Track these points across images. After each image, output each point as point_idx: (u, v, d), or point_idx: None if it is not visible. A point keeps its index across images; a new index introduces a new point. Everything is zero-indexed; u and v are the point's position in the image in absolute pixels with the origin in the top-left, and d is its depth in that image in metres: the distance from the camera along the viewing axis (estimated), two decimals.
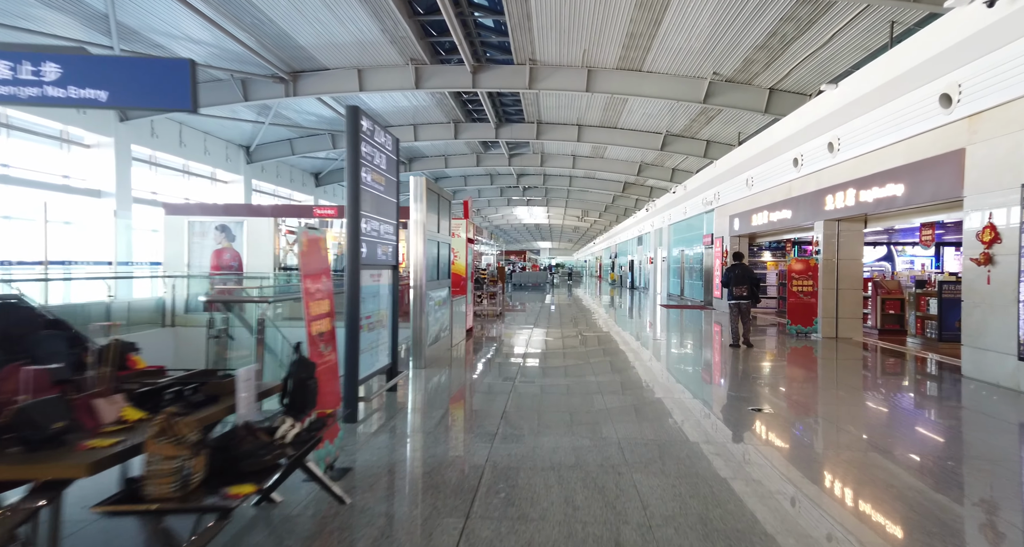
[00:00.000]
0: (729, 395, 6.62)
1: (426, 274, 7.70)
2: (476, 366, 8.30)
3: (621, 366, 8.16)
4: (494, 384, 6.84)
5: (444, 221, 8.98)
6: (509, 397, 6.05)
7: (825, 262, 11.10)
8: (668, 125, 21.57)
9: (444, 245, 8.98)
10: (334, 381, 3.81)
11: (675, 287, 24.18)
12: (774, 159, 13.04)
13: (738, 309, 9.79)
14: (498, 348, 10.11)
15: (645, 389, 6.70)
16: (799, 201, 11.96)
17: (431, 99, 20.45)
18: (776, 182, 13.10)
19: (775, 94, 16.82)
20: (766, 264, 16.98)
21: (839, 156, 10.22)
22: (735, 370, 8.19)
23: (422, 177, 7.66)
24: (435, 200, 8.39)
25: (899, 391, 7.18)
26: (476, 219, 49.06)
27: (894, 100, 8.52)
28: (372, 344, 5.59)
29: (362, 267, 5.17)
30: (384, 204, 5.76)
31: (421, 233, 7.61)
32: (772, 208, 13.34)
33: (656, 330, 13.49)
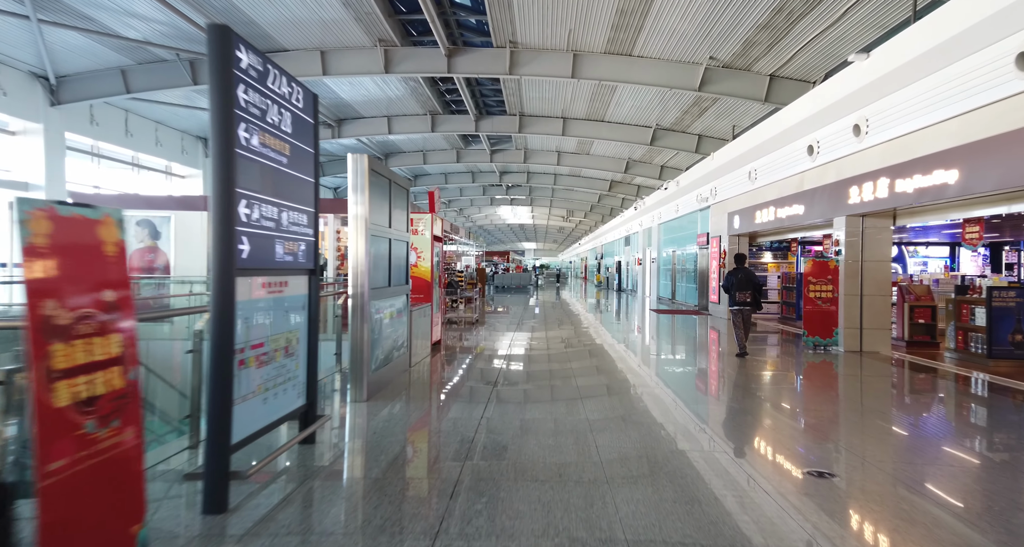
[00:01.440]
0: (771, 445, 4.91)
1: (370, 279, 5.93)
2: (437, 394, 6.53)
3: (618, 390, 6.46)
4: (458, 421, 5.10)
5: (400, 213, 7.22)
6: (474, 443, 4.32)
7: (847, 264, 9.48)
8: (658, 118, 19.96)
9: (399, 243, 7.21)
10: (118, 488, 2.05)
11: (665, 290, 22.57)
12: (783, 148, 11.42)
13: (741, 316, 8.97)
14: (469, 365, 8.36)
15: (656, 435, 4.97)
16: (814, 195, 10.35)
17: (405, 88, 18.65)
18: (785, 174, 11.49)
19: (776, 81, 15.24)
20: (767, 266, 15.40)
21: (867, 140, 8.61)
22: (758, 400, 6.51)
23: (363, 155, 5.89)
24: (384, 187, 6.61)
25: (977, 430, 5.54)
26: (458, 219, 47.23)
27: (947, 67, 6.91)
28: (271, 382, 3.82)
29: (242, 272, 3.41)
30: (290, 183, 3.99)
31: (363, 228, 5.83)
32: (780, 204, 11.74)
33: (652, 341, 11.81)
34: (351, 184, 5.90)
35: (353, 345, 5.80)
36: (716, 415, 5.79)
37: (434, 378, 7.42)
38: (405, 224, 7.56)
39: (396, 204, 7.06)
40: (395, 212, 7.00)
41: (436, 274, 9.73)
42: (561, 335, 12.06)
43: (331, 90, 18.33)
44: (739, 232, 14.24)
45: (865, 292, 9.37)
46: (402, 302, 7.34)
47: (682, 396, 6.48)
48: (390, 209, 6.76)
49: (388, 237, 6.69)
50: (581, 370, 7.90)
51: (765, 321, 14.62)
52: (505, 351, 9.59)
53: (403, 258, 7.47)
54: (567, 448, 4.39)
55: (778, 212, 11.80)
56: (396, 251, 7.07)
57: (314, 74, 15.65)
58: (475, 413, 5.49)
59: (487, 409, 5.61)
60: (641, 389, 6.77)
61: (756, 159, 12.73)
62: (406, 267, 7.56)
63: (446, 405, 6.00)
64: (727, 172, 14.49)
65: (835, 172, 9.66)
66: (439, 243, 9.87)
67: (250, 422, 3.54)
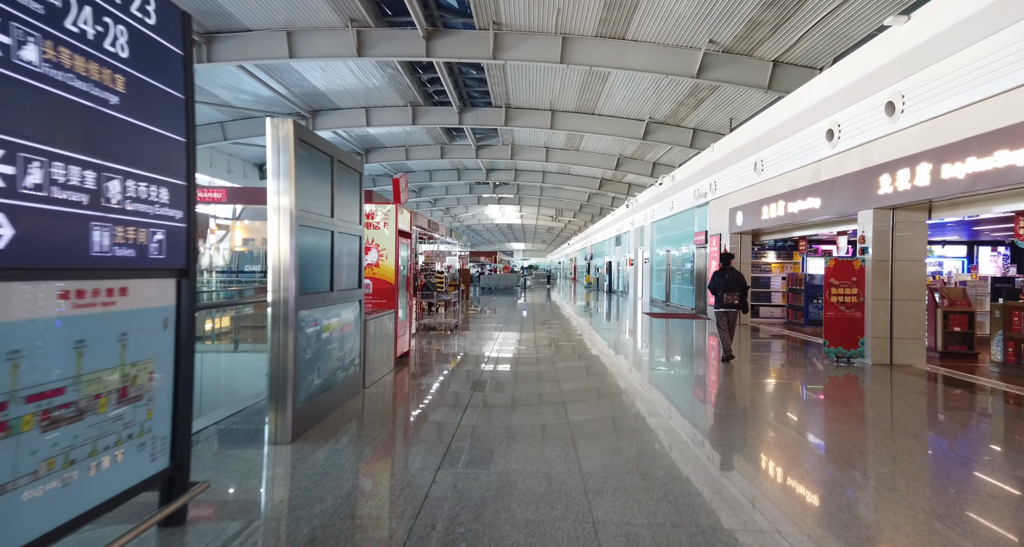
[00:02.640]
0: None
1: (300, 283, 4.49)
2: (391, 428, 5.09)
3: (616, 415, 5.06)
4: (414, 478, 3.67)
5: (348, 201, 5.77)
6: (434, 513, 2.89)
7: (875, 265, 8.14)
8: (652, 110, 18.64)
9: (348, 238, 5.76)
10: None
11: (659, 292, 21.22)
12: (796, 134, 10.08)
13: (727, 318, 8.41)
14: (439, 384, 6.93)
15: (691, 509, 3.56)
16: (832, 186, 9.02)
17: (383, 76, 17.19)
18: (797, 164, 10.15)
19: (780, 68, 13.93)
20: (770, 266, 14.10)
21: (903, 120, 7.28)
22: (778, 423, 5.14)
23: (288, 120, 4.45)
24: (323, 166, 5.16)
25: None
26: (445, 218, 45.72)
27: (1013, 24, 5.60)
28: (80, 447, 2.37)
29: (10, 271, 1.99)
30: (126, 136, 2.54)
31: (287, 218, 4.38)
32: (791, 197, 10.40)
33: (652, 352, 10.44)
34: (270, 160, 4.43)
35: (272, 368, 4.34)
36: (739, 443, 4.40)
37: (393, 403, 5.97)
38: (358, 215, 6.11)
39: (343, 189, 5.61)
40: (342, 199, 5.55)
41: (404, 275, 8.29)
42: (548, 344, 10.65)
43: (302, 77, 16.82)
44: (742, 230, 12.91)
45: (896, 296, 8.04)
46: (353, 310, 5.89)
47: (701, 428, 5.10)
48: (333, 195, 5.30)
49: (330, 230, 5.24)
50: (573, 394, 6.50)
51: (768, 326, 13.30)
52: (483, 365, 8.17)
53: (355, 256, 6.02)
54: (558, 522, 2.97)
55: (789, 206, 10.47)
56: (343, 248, 5.62)
57: (280, 57, 14.15)
58: (434, 460, 4.06)
59: (450, 452, 4.18)
60: (654, 421, 5.36)
61: (763, 148, 11.39)
62: (359, 267, 6.11)
63: (400, 445, 4.56)
64: (729, 164, 13.15)
65: (860, 159, 8.32)
66: (407, 239, 8.42)
67: (26, 525, 2.10)
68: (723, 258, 8.65)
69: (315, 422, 4.87)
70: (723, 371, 7.93)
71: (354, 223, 5.96)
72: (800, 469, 4.16)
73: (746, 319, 13.32)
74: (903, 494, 3.58)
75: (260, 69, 16.05)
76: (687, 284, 17.49)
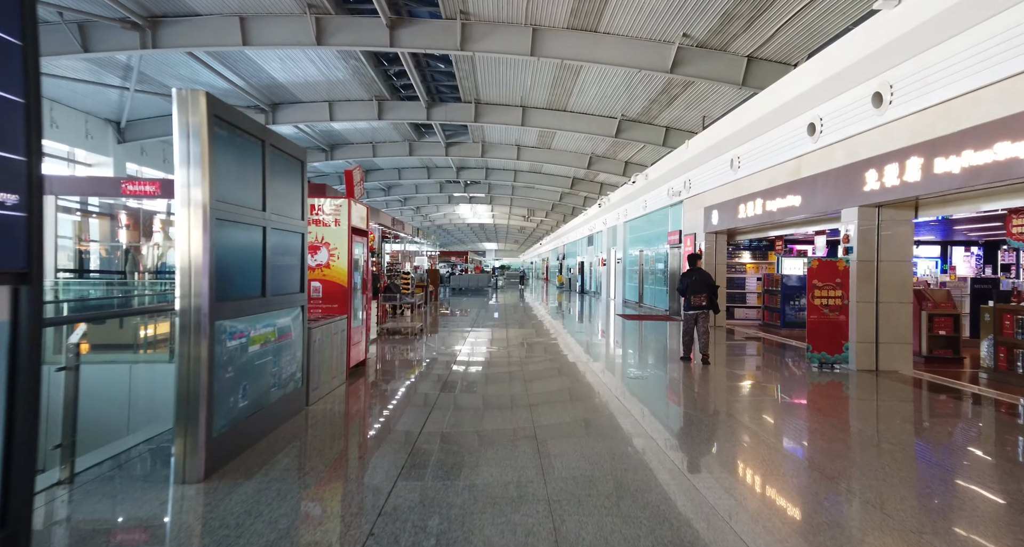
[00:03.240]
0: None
1: (219, 287, 3.72)
2: (330, 457, 4.34)
3: (597, 431, 4.43)
4: (350, 528, 2.96)
5: (286, 192, 5.00)
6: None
7: (860, 265, 7.69)
8: (624, 107, 18.14)
9: (286, 235, 4.98)
10: None
11: (632, 292, 20.76)
12: (775, 129, 9.61)
13: (695, 320, 8.25)
14: (397, 399, 6.20)
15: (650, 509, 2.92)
16: (815, 183, 8.56)
17: (346, 69, 16.31)
18: (777, 160, 9.68)
19: (755, 63, 13.53)
20: (745, 267, 13.69)
21: (891, 112, 6.81)
22: (758, 432, 4.57)
23: (201, 92, 3.69)
24: (251, 151, 4.39)
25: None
26: (415, 218, 44.74)
27: (1016, 6, 5.14)
28: None
29: None
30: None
31: (199, 212, 3.61)
32: (769, 195, 9.94)
33: (629, 355, 9.88)
34: (177, 143, 3.66)
35: (179, 389, 3.56)
36: (718, 455, 3.81)
37: (340, 423, 5.22)
38: (300, 209, 5.34)
39: (280, 179, 4.85)
40: (277, 190, 4.78)
41: (359, 277, 7.53)
42: (519, 349, 9.99)
43: (260, 68, 15.83)
44: (717, 229, 12.45)
45: (882, 299, 7.59)
46: (292, 317, 5.12)
47: (682, 441, 4.49)
48: (265, 185, 4.53)
49: (261, 226, 4.47)
50: (541, 397, 5.85)
51: (744, 328, 12.88)
52: (447, 374, 7.47)
53: (296, 256, 5.25)
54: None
55: (767, 205, 10.00)
56: (280, 246, 4.84)
57: (233, 44, 13.18)
58: (378, 502, 3.34)
59: (399, 482, 3.48)
60: (635, 445, 4.73)
61: (740, 144, 10.92)
62: (300, 269, 5.34)
63: (341, 479, 3.83)
64: (704, 161, 12.67)
65: (845, 154, 7.86)
66: (364, 237, 7.66)
67: None
68: (690, 259, 8.56)
69: (239, 451, 4.10)
70: (701, 377, 7.37)
71: (294, 218, 5.19)
72: (782, 485, 3.63)
73: (720, 321, 12.87)
74: (891, 513, 3.04)
75: (214, 58, 15.04)
76: (660, 285, 17.03)
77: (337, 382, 6.40)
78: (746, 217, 10.90)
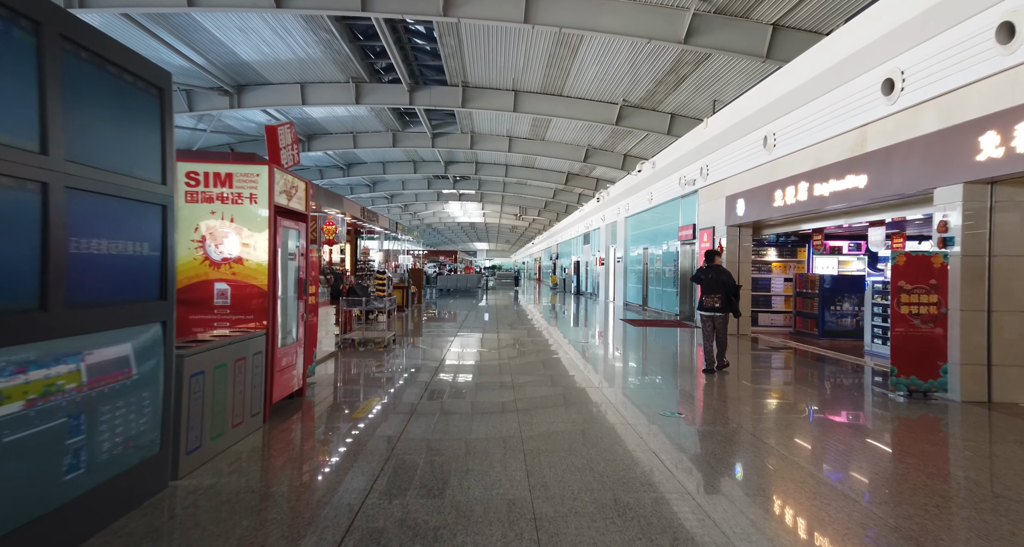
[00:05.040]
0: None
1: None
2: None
3: (640, 521, 2.48)
4: None
5: (121, 134, 2.89)
6: None
7: (965, 262, 5.67)
8: (626, 91, 16.10)
9: (124, 206, 2.89)
10: None
11: (635, 295, 18.67)
12: (828, 94, 7.59)
13: (712, 323, 7.31)
14: (335, 458, 4.10)
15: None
16: (890, 156, 6.54)
17: (317, 44, 14.14)
18: (829, 133, 7.65)
19: (781, 33, 11.51)
20: (770, 265, 11.67)
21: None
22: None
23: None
24: (15, 42, 2.31)
25: None
26: (404, 216, 42.47)
27: None
28: None
29: None
30: None
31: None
32: (818, 176, 7.91)
33: (644, 378, 7.84)
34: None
35: None
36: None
37: (222, 515, 3.09)
38: (158, 165, 3.21)
39: (95, 106, 2.74)
40: (87, 123, 2.67)
41: (294, 278, 5.41)
42: (510, 364, 7.91)
43: (219, 42, 13.63)
44: (742, 221, 10.41)
45: (996, 306, 5.56)
46: (138, 342, 3.00)
47: (738, 507, 2.48)
48: (45, 108, 2.41)
49: (37, 180, 2.37)
50: (543, 446, 3.80)
51: (770, 336, 10.85)
52: (416, 401, 5.37)
53: (148, 242, 3.13)
54: None
55: (815, 189, 7.97)
56: (101, 222, 2.74)
57: (176, 5, 11.05)
58: None
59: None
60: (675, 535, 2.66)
61: (777, 118, 8.88)
62: (162, 262, 3.21)
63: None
64: (728, 142, 10.61)
65: (940, 115, 5.84)
66: (301, 223, 5.53)
67: None
68: (707, 255, 7.61)
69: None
70: (753, 409, 5.33)
71: (143, 179, 3.06)
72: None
73: (744, 327, 10.84)
74: None
75: (163, 28, 12.85)
76: (669, 286, 14.95)
77: (245, 430, 4.28)
78: (783, 205, 8.87)
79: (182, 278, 4.51)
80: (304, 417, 5.00)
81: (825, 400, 6.09)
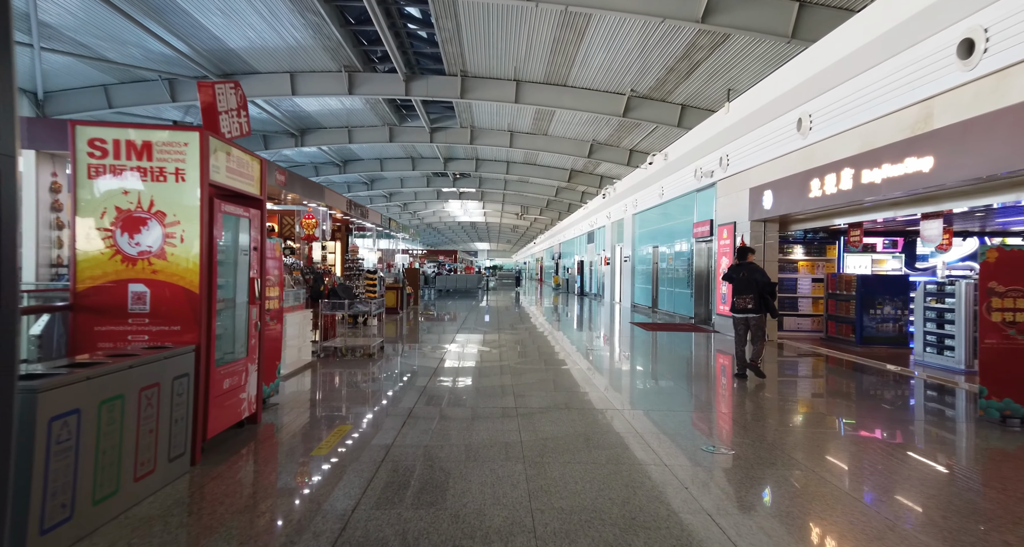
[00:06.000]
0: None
1: None
2: None
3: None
4: None
5: None
6: None
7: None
8: (635, 81, 14.96)
9: None
10: None
11: (643, 295, 17.52)
12: (881, 65, 6.46)
13: (746, 325, 6.70)
14: (277, 526, 3.00)
15: None
16: (966, 133, 5.41)
17: (306, 29, 13.01)
18: (883, 110, 6.53)
19: (809, 10, 10.30)
20: (796, 265, 10.53)
21: None
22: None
23: None
24: None
25: None
26: (403, 215, 41.34)
27: None
28: None
29: None
30: None
31: None
32: (869, 161, 6.78)
33: (672, 392, 6.73)
34: None
35: None
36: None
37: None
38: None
39: None
40: None
41: (249, 277, 4.29)
42: (512, 378, 6.79)
43: (199, 25, 12.53)
44: (768, 215, 9.28)
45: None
46: None
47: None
48: None
49: None
50: (562, 502, 2.70)
51: (798, 342, 9.72)
52: (395, 432, 4.28)
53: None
54: None
55: (864, 176, 6.84)
56: None
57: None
58: None
59: None
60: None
61: (814, 97, 7.75)
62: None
63: None
64: (753, 128, 9.48)
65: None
66: (255, 211, 4.41)
67: None
68: (739, 253, 6.93)
69: None
70: (815, 441, 4.21)
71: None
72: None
73: (770, 332, 9.71)
74: None
75: (141, 12, 11.75)
76: (682, 287, 13.81)
77: (158, 481, 3.16)
78: (820, 196, 7.73)
79: (85, 278, 3.41)
80: (254, 453, 3.88)
81: (907, 431, 4.93)
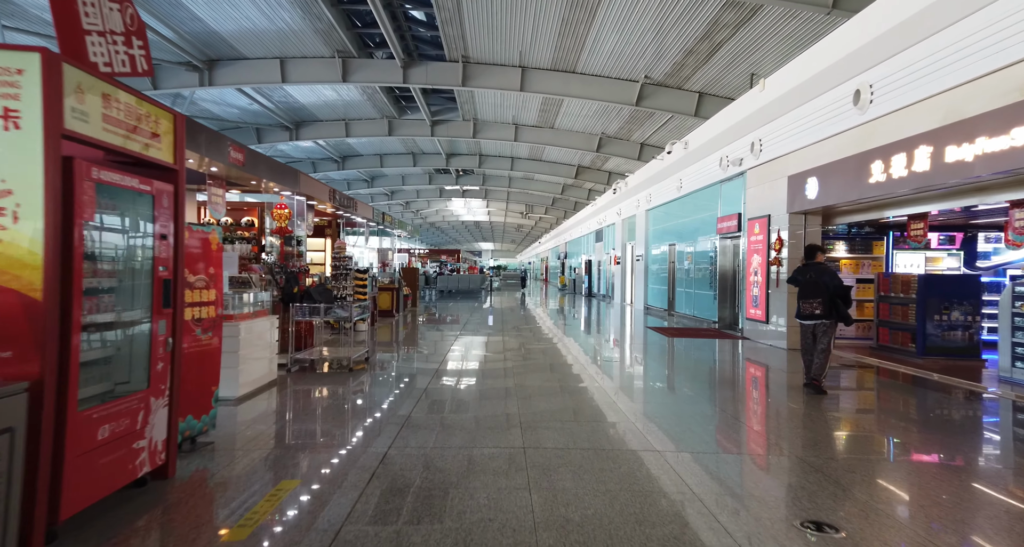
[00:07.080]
0: None
1: None
2: None
3: None
4: None
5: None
6: None
7: None
8: (649, 66, 13.66)
9: None
10: None
11: (658, 297, 16.18)
12: (973, 16, 5.14)
13: (812, 334, 5.80)
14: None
15: None
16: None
17: (294, 8, 11.81)
18: (976, 72, 5.19)
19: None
20: (839, 262, 9.19)
21: None
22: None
23: None
24: None
25: None
26: (406, 214, 40.08)
27: None
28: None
29: None
30: None
31: None
32: (956, 135, 5.44)
33: (718, 412, 5.44)
34: None
35: None
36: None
37: None
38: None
39: None
40: None
41: (154, 278, 3.02)
42: (519, 403, 5.52)
43: (179, 2, 11.30)
44: (812, 207, 7.95)
45: None
46: None
47: None
48: None
49: None
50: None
51: (844, 351, 8.39)
52: (363, 484, 3.03)
53: None
54: None
55: (948, 153, 5.51)
56: None
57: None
58: None
59: None
60: None
61: (878, 63, 6.42)
62: None
63: None
64: (794, 106, 8.14)
65: None
66: (164, 184, 3.13)
67: None
68: (807, 251, 6.14)
69: None
70: (942, 504, 2.94)
71: None
72: None
73: None
74: None
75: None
76: (704, 289, 12.48)
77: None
78: (885, 181, 6.42)
79: None
80: (140, 537, 2.60)
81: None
